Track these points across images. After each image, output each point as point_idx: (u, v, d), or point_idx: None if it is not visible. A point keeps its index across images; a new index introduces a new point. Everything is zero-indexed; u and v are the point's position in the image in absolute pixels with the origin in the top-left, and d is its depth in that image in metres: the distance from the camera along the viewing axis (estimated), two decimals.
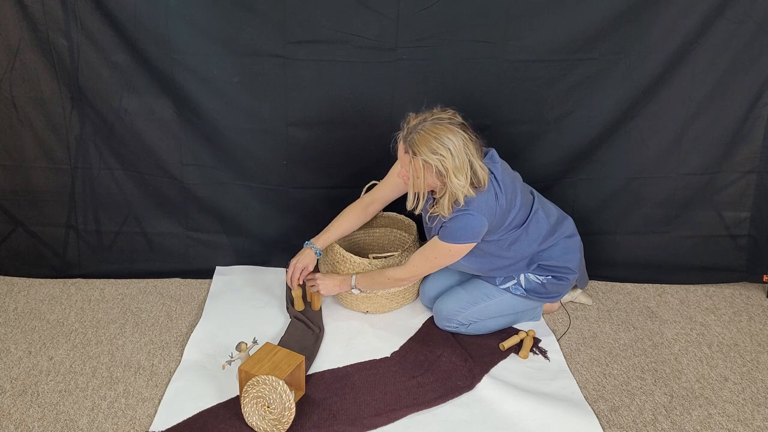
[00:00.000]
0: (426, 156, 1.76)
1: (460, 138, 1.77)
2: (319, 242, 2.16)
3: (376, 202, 2.20)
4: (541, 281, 2.09)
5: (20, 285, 2.41)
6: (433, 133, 1.76)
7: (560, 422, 1.77)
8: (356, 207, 2.20)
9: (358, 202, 2.21)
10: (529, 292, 2.09)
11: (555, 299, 2.18)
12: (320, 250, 2.16)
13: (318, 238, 2.17)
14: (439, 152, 1.75)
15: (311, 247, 2.15)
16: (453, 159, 1.75)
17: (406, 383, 1.91)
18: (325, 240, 2.17)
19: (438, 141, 1.75)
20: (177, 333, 2.15)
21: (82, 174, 2.37)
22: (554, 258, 2.07)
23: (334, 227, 2.18)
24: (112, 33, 2.17)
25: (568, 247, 2.10)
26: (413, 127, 1.79)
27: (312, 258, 2.15)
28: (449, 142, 1.75)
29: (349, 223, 2.20)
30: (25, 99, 2.26)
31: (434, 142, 1.75)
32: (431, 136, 1.76)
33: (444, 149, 1.75)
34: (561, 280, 2.10)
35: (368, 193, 2.21)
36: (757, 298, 2.45)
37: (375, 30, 2.19)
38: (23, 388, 1.88)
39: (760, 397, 1.92)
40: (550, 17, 2.19)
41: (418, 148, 1.76)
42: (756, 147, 2.38)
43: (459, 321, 2.10)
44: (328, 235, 2.17)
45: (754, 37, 2.23)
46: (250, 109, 2.31)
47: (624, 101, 2.31)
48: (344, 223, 2.19)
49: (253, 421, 1.71)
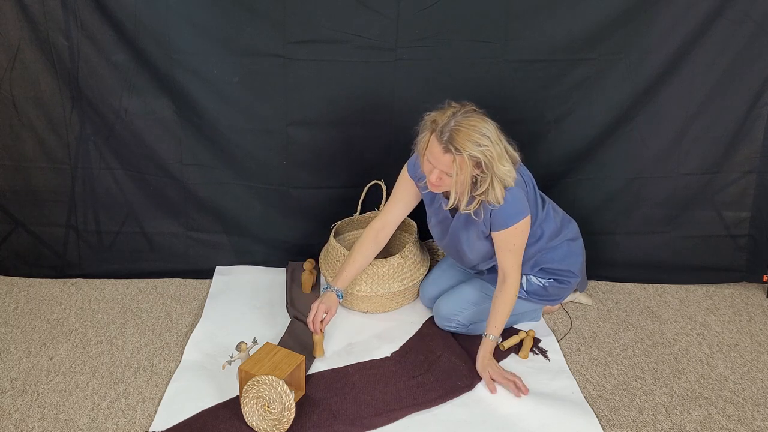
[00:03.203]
0: (471, 150, 1.69)
1: (493, 125, 1.75)
2: (338, 283, 2.05)
3: (387, 226, 2.09)
4: (543, 284, 2.09)
5: (20, 285, 2.41)
6: (470, 126, 1.71)
7: (560, 422, 1.77)
8: (366, 238, 2.08)
9: (367, 231, 2.09)
10: (530, 295, 2.09)
11: (556, 302, 2.18)
12: (341, 291, 2.05)
13: (336, 279, 2.06)
14: (482, 143, 1.70)
15: (332, 290, 2.04)
16: (494, 147, 1.72)
17: (406, 383, 1.91)
18: (343, 280, 2.06)
19: (478, 132, 1.70)
20: (177, 333, 2.15)
21: (82, 174, 2.37)
22: (557, 261, 2.07)
23: (349, 265, 2.07)
24: (112, 33, 2.17)
25: (572, 250, 2.10)
26: (446, 126, 1.72)
27: (334, 301, 2.02)
28: (487, 131, 1.72)
29: (363, 257, 2.08)
30: (25, 99, 2.26)
31: (475, 134, 1.70)
32: (470, 129, 1.70)
33: (485, 139, 1.70)
34: (563, 284, 2.10)
35: (376, 219, 2.10)
36: (757, 298, 2.45)
37: (375, 30, 2.19)
38: (23, 388, 1.88)
39: (760, 397, 1.92)
40: (550, 17, 2.19)
41: (461, 143, 1.69)
42: (756, 147, 2.38)
43: (459, 321, 2.10)
44: (345, 274, 2.06)
45: (754, 37, 2.23)
46: (250, 109, 2.31)
47: (624, 101, 2.31)
48: (358, 258, 2.08)
49: (253, 421, 1.71)
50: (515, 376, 1.91)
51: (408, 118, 2.32)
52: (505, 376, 1.90)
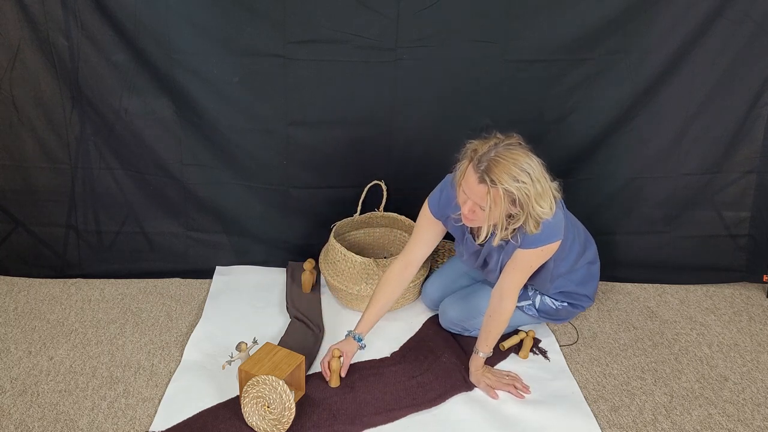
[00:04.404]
0: (507, 184, 1.58)
1: (537, 162, 1.62)
2: (359, 328, 1.95)
3: (410, 266, 1.97)
4: (556, 306, 2.06)
5: (20, 285, 2.41)
6: (510, 158, 1.59)
7: (560, 422, 1.77)
8: (389, 280, 1.97)
9: (389, 273, 1.97)
10: (540, 313, 2.08)
11: (562, 322, 2.18)
12: (361, 336, 1.94)
13: (358, 324, 1.96)
14: (520, 179, 1.58)
15: (353, 335, 1.93)
16: (534, 185, 1.59)
17: (406, 383, 1.91)
18: (364, 325, 1.95)
19: (517, 167, 1.58)
20: (177, 333, 2.15)
21: (82, 174, 2.37)
22: (575, 283, 2.04)
23: (370, 309, 1.95)
24: (112, 33, 2.17)
25: (591, 274, 2.07)
26: (485, 155, 1.61)
27: (352, 345, 1.92)
28: (528, 167, 1.59)
29: (385, 301, 1.96)
30: (25, 99, 2.25)
31: (514, 168, 1.58)
32: (509, 162, 1.58)
33: (525, 175, 1.58)
34: (576, 308, 2.09)
35: (397, 260, 1.98)
36: (757, 298, 2.45)
37: (375, 30, 2.19)
38: (23, 388, 1.88)
39: (760, 397, 1.92)
40: (550, 17, 2.19)
41: (498, 176, 1.58)
42: (756, 147, 2.38)
43: (464, 326, 2.10)
44: (366, 319, 1.95)
45: (754, 37, 2.23)
46: (250, 109, 2.30)
47: (624, 101, 2.31)
48: (381, 299, 1.96)
49: (253, 421, 1.71)
50: (514, 378, 1.91)
51: (408, 118, 2.34)
52: (503, 381, 1.88)
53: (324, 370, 1.89)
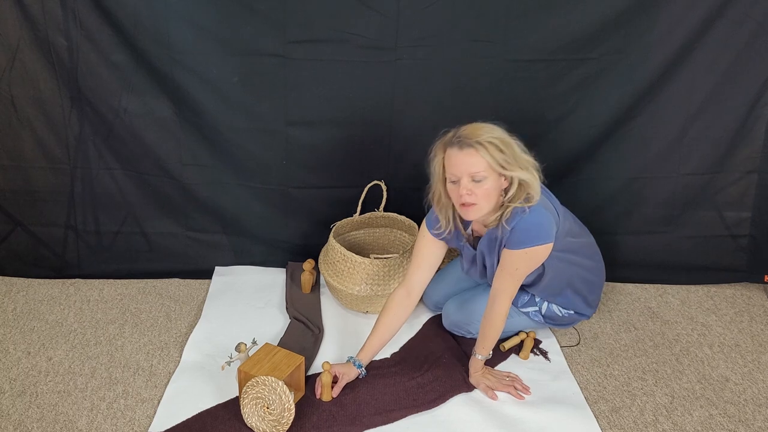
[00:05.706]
0: (488, 136, 1.69)
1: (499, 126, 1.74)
2: (361, 355, 1.92)
3: (413, 292, 1.94)
4: (562, 314, 2.06)
5: (19, 285, 2.40)
6: (476, 126, 1.72)
7: (560, 423, 1.77)
8: (391, 308, 1.93)
9: (391, 301, 1.94)
10: (545, 319, 2.08)
11: (565, 327, 2.18)
12: (362, 364, 1.91)
13: (360, 351, 1.93)
14: (494, 133, 1.70)
15: (353, 362, 1.90)
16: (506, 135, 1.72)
17: (405, 384, 1.90)
18: (365, 353, 1.91)
19: (485, 128, 1.72)
20: (176, 333, 2.15)
21: (82, 174, 2.37)
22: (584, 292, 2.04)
23: (373, 337, 1.92)
24: (112, 33, 2.17)
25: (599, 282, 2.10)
26: (453, 136, 1.73)
27: (351, 370, 1.88)
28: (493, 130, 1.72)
29: (388, 327, 1.93)
30: (25, 99, 2.25)
31: (483, 127, 1.71)
32: (477, 127, 1.72)
33: (497, 131, 1.71)
34: (581, 315, 2.09)
35: (400, 287, 1.95)
36: (758, 298, 2.44)
37: (375, 30, 2.19)
38: (22, 388, 1.87)
39: (761, 397, 1.91)
40: (550, 17, 2.18)
41: (476, 136, 1.69)
42: (757, 147, 2.38)
43: (467, 329, 2.09)
44: (368, 347, 1.92)
45: (754, 37, 2.22)
46: (250, 109, 2.30)
47: (624, 101, 2.31)
48: (383, 328, 1.93)
49: (252, 422, 1.71)
50: (514, 379, 1.91)
51: (408, 118, 2.34)
52: (503, 383, 1.88)
53: (316, 387, 1.85)
